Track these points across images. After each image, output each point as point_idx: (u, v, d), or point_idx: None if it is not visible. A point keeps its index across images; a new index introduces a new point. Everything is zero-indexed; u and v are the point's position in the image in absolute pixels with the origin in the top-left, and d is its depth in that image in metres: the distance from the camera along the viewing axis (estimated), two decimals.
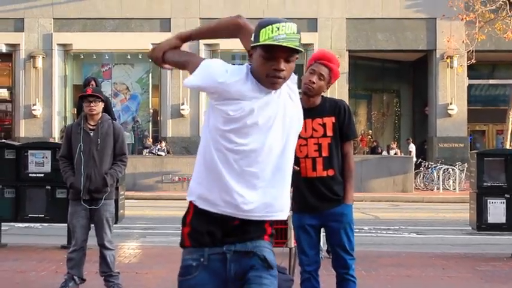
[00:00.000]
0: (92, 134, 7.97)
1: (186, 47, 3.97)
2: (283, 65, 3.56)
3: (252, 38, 3.63)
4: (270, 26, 3.54)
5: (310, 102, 5.97)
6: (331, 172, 5.95)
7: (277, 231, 6.85)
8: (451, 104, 32.71)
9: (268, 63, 3.56)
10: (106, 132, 8.01)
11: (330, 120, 5.96)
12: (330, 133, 5.95)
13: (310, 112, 5.95)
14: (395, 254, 11.84)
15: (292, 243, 6.46)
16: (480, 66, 33.14)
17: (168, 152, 30.50)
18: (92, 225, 8.14)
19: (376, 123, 38.13)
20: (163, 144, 30.81)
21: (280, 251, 6.85)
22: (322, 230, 6.23)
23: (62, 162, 8.14)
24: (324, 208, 5.98)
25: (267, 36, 3.54)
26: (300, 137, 5.94)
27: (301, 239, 6.07)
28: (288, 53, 3.56)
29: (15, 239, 12.60)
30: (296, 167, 5.92)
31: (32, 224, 13.80)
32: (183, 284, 3.77)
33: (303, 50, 3.68)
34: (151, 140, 32.71)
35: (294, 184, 6.11)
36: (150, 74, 33.41)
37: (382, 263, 10.61)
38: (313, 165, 5.94)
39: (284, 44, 3.51)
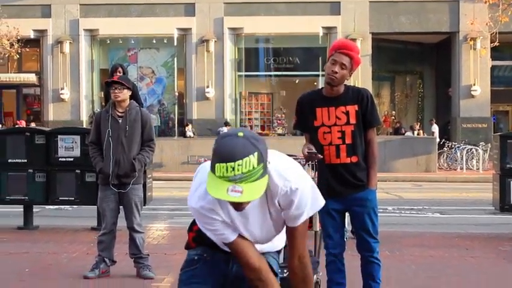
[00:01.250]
0: (120, 121, 8.06)
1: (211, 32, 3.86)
2: (241, 204, 3.32)
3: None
4: (224, 164, 3.20)
5: (334, 91, 6.00)
6: (354, 159, 5.99)
7: None
8: (474, 85, 32.50)
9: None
10: (134, 119, 8.09)
11: (353, 108, 5.99)
12: (353, 121, 5.98)
13: (333, 101, 5.99)
14: (418, 234, 11.86)
15: (317, 226, 6.49)
16: (503, 47, 32.84)
17: (193, 134, 30.65)
18: (121, 207, 8.25)
19: (400, 104, 37.97)
20: (190, 126, 30.91)
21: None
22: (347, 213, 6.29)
23: (92, 148, 8.25)
24: (348, 193, 6.03)
25: (221, 174, 3.21)
26: (323, 124, 6.02)
27: (326, 223, 6.12)
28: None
29: (46, 221, 12.74)
30: (320, 155, 5.97)
31: (62, 207, 13.95)
32: (183, 275, 3.77)
33: (264, 187, 3.28)
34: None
35: (318, 170, 6.17)
36: (176, 58, 33.43)
37: (406, 244, 10.63)
38: (337, 152, 5.98)
39: (238, 200, 3.21)
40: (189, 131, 30.53)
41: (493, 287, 7.84)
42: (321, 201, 3.68)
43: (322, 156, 5.98)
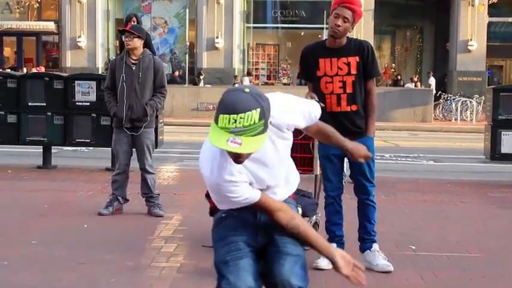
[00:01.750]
0: (134, 68, 8.07)
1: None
2: (240, 156, 3.25)
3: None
4: (227, 116, 3.13)
5: (337, 43, 6.00)
6: (354, 107, 6.01)
7: (304, 159, 6.96)
8: (471, 40, 32.37)
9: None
10: (147, 67, 8.10)
11: (354, 60, 5.99)
12: (353, 71, 5.99)
13: (336, 52, 5.99)
14: (413, 180, 11.92)
15: (317, 170, 6.55)
16: (501, 4, 32.58)
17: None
18: (134, 151, 8.31)
19: (399, 57, 37.85)
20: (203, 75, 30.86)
21: (307, 177, 6.97)
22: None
23: (107, 93, 8.28)
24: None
25: (223, 125, 3.14)
26: (325, 75, 6.04)
27: (326, 167, 6.17)
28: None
29: (63, 161, 12.82)
30: (322, 104, 6.00)
31: (78, 148, 14.04)
32: (216, 233, 3.68)
33: (263, 141, 3.20)
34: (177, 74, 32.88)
35: (320, 118, 6.20)
36: (187, 9, 33.27)
37: (401, 189, 10.71)
38: (338, 101, 6.00)
39: (236, 151, 3.14)
40: (201, 80, 30.45)
41: (480, 230, 7.91)
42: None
43: (324, 105, 6.00)
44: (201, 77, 30.66)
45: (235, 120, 3.11)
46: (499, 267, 6.27)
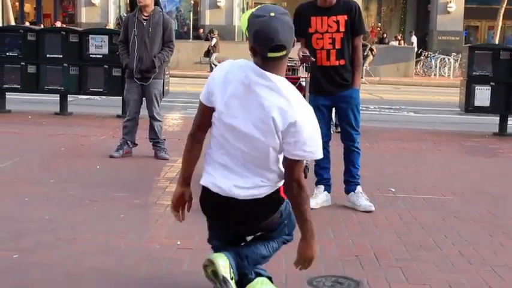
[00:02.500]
0: (144, 23, 7.99)
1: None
2: None
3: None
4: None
5: (327, 2, 5.96)
6: (342, 62, 5.99)
7: None
8: (450, 2, 32.14)
9: None
10: (157, 22, 8.02)
11: (342, 18, 5.95)
12: (342, 29, 5.95)
13: (326, 11, 5.96)
14: (395, 129, 11.95)
15: None
16: None
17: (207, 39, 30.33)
18: (144, 99, 8.29)
19: (385, 17, 37.61)
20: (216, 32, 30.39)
21: None
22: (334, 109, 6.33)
23: (120, 46, 8.22)
24: (335, 91, 6.05)
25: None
26: (316, 31, 6.00)
27: (316, 116, 6.14)
28: None
29: (79, 108, 12.81)
30: (312, 58, 5.98)
31: (92, 97, 14.01)
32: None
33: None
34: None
35: (311, 71, 6.19)
36: None
37: (383, 137, 10.73)
38: (328, 56, 5.98)
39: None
40: (214, 37, 29.97)
41: (454, 175, 7.95)
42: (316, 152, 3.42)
43: (314, 59, 6.00)
44: (213, 35, 30.11)
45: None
46: (470, 208, 6.31)
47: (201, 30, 31.48)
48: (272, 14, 3.20)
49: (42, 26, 24.43)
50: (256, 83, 3.29)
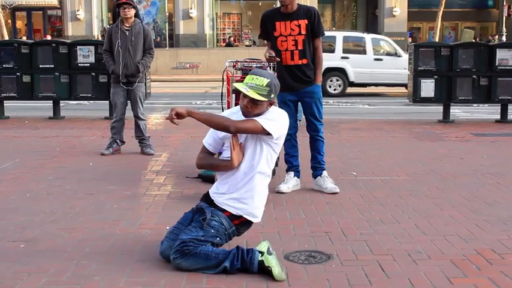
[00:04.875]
0: (127, 33, 7.93)
1: None
2: (246, 103, 3.95)
3: None
4: (250, 76, 4.00)
5: (289, 9, 5.98)
6: (304, 61, 6.00)
7: None
8: (395, 7, 32.32)
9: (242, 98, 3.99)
10: (138, 32, 7.96)
11: (303, 22, 5.96)
12: (303, 32, 5.96)
13: (289, 16, 5.97)
14: (352, 120, 11.99)
15: None
16: None
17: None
18: (129, 101, 8.22)
19: (339, 22, 37.67)
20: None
21: None
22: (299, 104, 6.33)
23: (105, 54, 8.14)
24: (300, 88, 6.06)
25: (247, 80, 3.98)
26: (281, 35, 6.01)
27: (283, 110, 6.15)
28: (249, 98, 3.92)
29: (70, 112, 12.69)
30: (277, 58, 5.99)
31: (82, 102, 13.85)
32: None
33: (263, 99, 3.92)
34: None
35: (278, 70, 6.19)
36: None
37: (343, 127, 10.77)
38: (292, 56, 5.99)
39: (245, 92, 3.90)
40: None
41: (406, 158, 8.01)
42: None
43: (279, 59, 6.00)
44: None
45: (253, 79, 3.97)
46: (421, 186, 6.37)
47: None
48: None
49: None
50: None
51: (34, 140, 9.33)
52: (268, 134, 3.92)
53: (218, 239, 3.92)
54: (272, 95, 3.99)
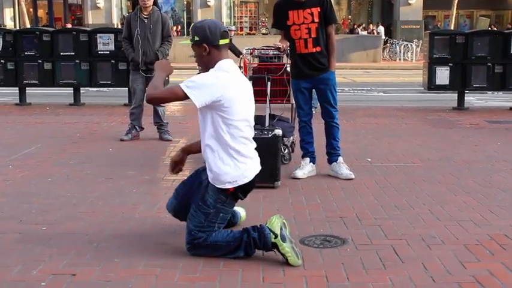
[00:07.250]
0: (146, 21, 7.94)
1: None
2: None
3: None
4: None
5: None
6: (318, 48, 5.95)
7: (282, 91, 6.93)
8: None
9: None
10: (156, 20, 7.97)
11: (316, 10, 5.91)
12: (316, 19, 5.91)
13: (301, 5, 5.92)
14: (367, 107, 11.95)
15: (293, 100, 6.53)
16: None
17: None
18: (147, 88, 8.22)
19: (355, 10, 37.54)
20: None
21: (283, 106, 6.96)
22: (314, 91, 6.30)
23: (124, 42, 8.16)
24: (314, 75, 6.02)
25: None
26: (294, 23, 5.97)
27: (298, 98, 6.15)
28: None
29: (90, 99, 12.74)
30: (282, 47, 5.98)
31: (101, 88, 13.91)
32: None
33: (188, 42, 4.10)
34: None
35: (292, 58, 6.17)
36: None
37: (358, 114, 10.74)
38: (305, 44, 5.95)
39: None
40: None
41: (420, 144, 7.97)
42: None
43: (285, 48, 6.00)
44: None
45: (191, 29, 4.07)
46: (435, 172, 6.34)
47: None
48: None
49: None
50: None
51: (55, 126, 9.39)
52: (187, 97, 3.86)
53: (221, 214, 3.86)
54: (196, 38, 3.88)
